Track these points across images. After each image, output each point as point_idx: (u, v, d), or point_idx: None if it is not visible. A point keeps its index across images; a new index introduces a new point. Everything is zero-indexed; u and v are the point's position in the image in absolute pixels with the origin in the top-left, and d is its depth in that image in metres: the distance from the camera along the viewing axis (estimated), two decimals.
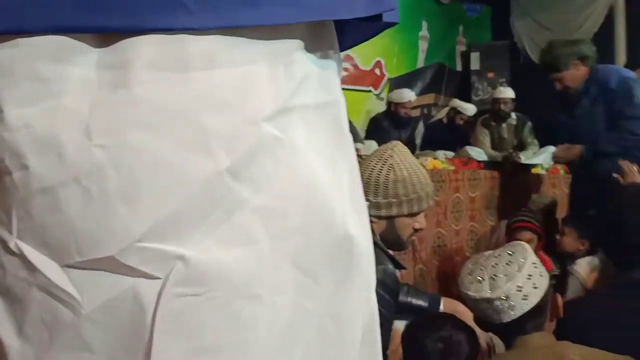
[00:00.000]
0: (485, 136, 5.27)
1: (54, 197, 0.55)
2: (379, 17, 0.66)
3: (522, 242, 1.70)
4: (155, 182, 0.55)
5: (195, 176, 0.56)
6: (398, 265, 1.68)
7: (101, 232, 0.55)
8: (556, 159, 3.50)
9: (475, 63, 6.89)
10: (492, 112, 5.35)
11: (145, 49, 0.55)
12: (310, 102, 0.64)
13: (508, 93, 5.30)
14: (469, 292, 1.56)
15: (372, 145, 4.20)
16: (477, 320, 1.63)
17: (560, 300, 1.59)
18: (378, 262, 1.59)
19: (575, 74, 3.14)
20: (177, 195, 0.56)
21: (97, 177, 0.54)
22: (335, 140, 0.67)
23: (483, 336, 1.76)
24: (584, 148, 3.18)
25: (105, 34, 0.55)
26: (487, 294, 1.52)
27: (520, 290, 1.51)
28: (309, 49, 0.65)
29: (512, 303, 1.51)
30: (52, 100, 0.54)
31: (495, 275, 1.54)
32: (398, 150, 1.70)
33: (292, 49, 0.63)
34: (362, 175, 1.70)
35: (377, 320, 0.75)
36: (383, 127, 5.19)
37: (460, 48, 7.21)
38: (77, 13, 0.53)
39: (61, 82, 0.54)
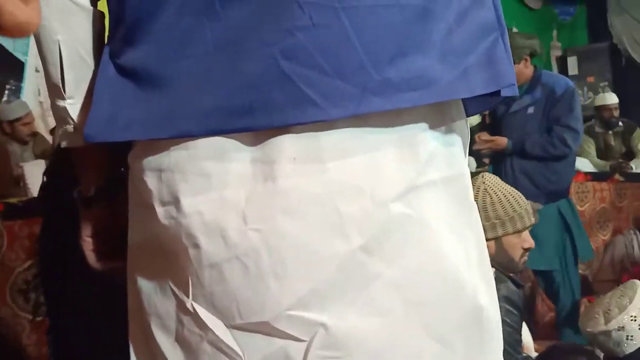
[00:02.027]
0: (590, 145, 5.00)
1: (220, 271, 0.65)
2: (497, 92, 0.70)
3: (634, 280, 1.82)
4: (299, 261, 0.64)
5: (333, 255, 0.64)
6: (517, 285, 1.74)
7: (257, 301, 0.65)
8: (477, 145, 3.17)
9: (573, 68, 6.59)
10: (597, 120, 5.07)
11: (287, 146, 0.64)
12: (437, 178, 0.69)
13: (612, 99, 5.03)
14: (588, 329, 1.68)
15: (471, 162, 4.08)
16: None
17: None
18: (499, 280, 1.65)
19: (522, 70, 3.02)
20: (317, 272, 0.64)
21: (253, 256, 0.64)
22: (462, 211, 0.73)
23: None
24: (510, 143, 3.05)
25: (255, 135, 0.64)
26: (603, 327, 1.65)
27: (634, 320, 1.64)
28: (433, 127, 0.70)
29: (629, 333, 1.62)
30: (216, 192, 0.65)
31: (609, 309, 1.69)
32: (488, 176, 1.82)
33: (417, 132, 0.68)
34: None
35: None
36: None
37: (556, 53, 6.92)
38: (229, 118, 0.63)
39: (222, 176, 0.65)
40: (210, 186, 0.65)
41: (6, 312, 2.36)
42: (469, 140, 0.78)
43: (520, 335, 1.65)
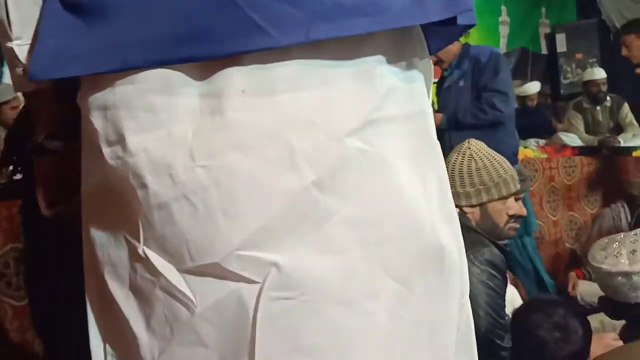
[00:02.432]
0: (578, 121, 5.02)
1: (168, 211, 0.63)
2: (454, 20, 0.69)
3: None
4: (249, 197, 0.62)
5: (284, 191, 0.62)
6: (501, 250, 1.72)
7: (207, 241, 0.63)
8: None
9: (561, 45, 6.59)
10: (585, 95, 5.09)
11: (236, 78, 0.61)
12: (396, 114, 0.67)
13: (600, 74, 5.04)
14: (603, 266, 1.54)
15: None
16: (605, 305, 1.55)
17: None
18: (482, 244, 1.65)
19: (449, 48, 3.02)
20: (269, 209, 0.62)
21: (201, 194, 0.62)
22: (423, 148, 0.71)
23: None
24: (444, 117, 3.08)
25: (203, 67, 0.62)
26: (626, 267, 1.52)
27: None
28: (392, 61, 0.68)
29: None
30: (163, 128, 0.62)
31: (635, 251, 1.54)
32: (473, 142, 1.81)
33: (375, 65, 0.66)
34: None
35: (472, 326, 0.79)
36: None
37: (544, 30, 6.90)
38: (173, 47, 0.60)
39: (169, 111, 0.62)
40: (156, 122, 0.62)
41: None
42: (432, 80, 0.77)
43: (504, 299, 1.65)
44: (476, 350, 0.79)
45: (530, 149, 3.88)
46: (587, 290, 3.43)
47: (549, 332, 1.56)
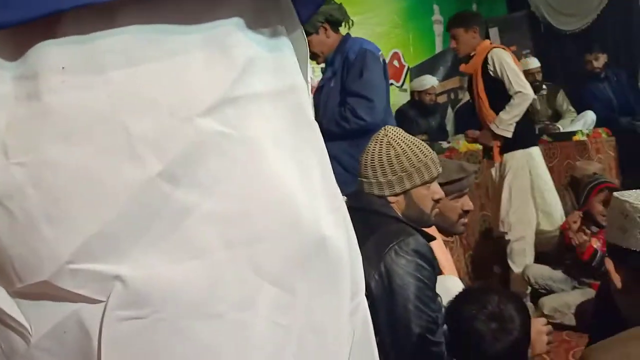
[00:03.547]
0: None
1: None
2: None
3: None
4: (77, 197, 0.51)
5: (123, 186, 0.51)
6: (427, 238, 1.65)
7: (31, 255, 0.52)
8: None
9: (495, 38, 6.66)
10: None
11: (53, 53, 0.51)
12: (262, 90, 0.57)
13: (534, 63, 5.12)
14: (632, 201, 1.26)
15: None
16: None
17: None
18: (407, 233, 1.56)
19: (322, 40, 2.68)
20: (105, 210, 0.51)
21: (18, 197, 0.51)
22: (299, 129, 0.61)
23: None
24: None
25: (16, 46, 0.51)
26: None
27: None
28: (253, 27, 0.58)
29: None
30: None
31: None
32: (390, 129, 1.74)
33: (229, 31, 0.56)
34: (366, 160, 1.71)
35: (371, 329, 0.68)
36: (409, 117, 5.04)
37: None
38: None
39: None
40: None
41: None
42: (307, 53, 0.68)
43: (433, 290, 1.57)
44: (377, 357, 0.68)
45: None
46: (536, 272, 3.43)
47: (485, 324, 1.48)
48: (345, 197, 1.56)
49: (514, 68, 3.36)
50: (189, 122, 0.52)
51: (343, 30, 2.77)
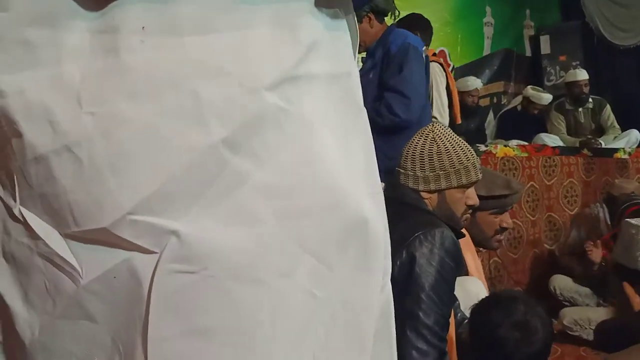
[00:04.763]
0: (560, 122, 5.01)
1: (47, 166, 0.54)
2: None
3: None
4: (144, 153, 0.53)
5: (188, 148, 0.53)
6: (457, 234, 1.64)
7: (94, 203, 0.54)
8: None
9: (545, 47, 6.57)
10: (567, 97, 5.06)
11: (134, 12, 0.53)
12: (320, 72, 0.60)
13: (582, 75, 5.03)
14: None
15: None
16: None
17: None
18: (435, 225, 1.56)
19: (366, 29, 2.55)
20: (167, 168, 0.53)
21: (87, 146, 0.53)
22: (349, 114, 0.64)
23: None
24: None
25: None
26: None
27: None
28: (320, 11, 0.61)
29: None
30: (43, 67, 0.53)
31: None
32: (438, 126, 1.73)
33: (300, 12, 0.59)
34: (407, 151, 1.71)
35: (392, 311, 0.72)
36: (449, 117, 5.00)
37: (529, 32, 6.89)
38: None
39: (51, 47, 0.53)
40: (35, 60, 0.53)
41: None
42: (358, 41, 0.70)
43: (451, 286, 1.55)
44: (395, 343, 0.71)
45: (510, 148, 3.83)
46: (562, 284, 3.40)
47: (509, 331, 1.49)
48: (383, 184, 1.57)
49: (439, 89, 3.24)
50: (256, 94, 0.55)
51: (389, 21, 2.70)
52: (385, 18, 2.69)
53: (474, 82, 5.11)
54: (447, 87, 3.44)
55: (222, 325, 0.55)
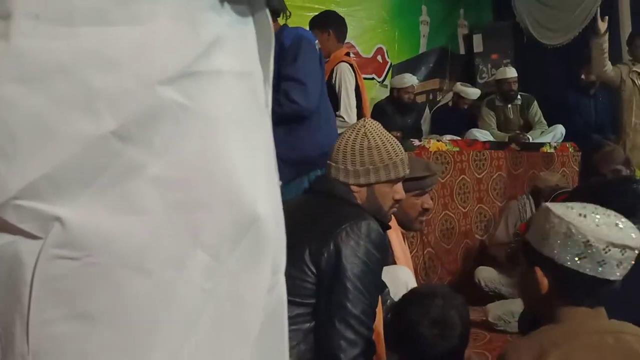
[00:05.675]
0: (491, 118, 5.20)
1: None
2: None
3: None
4: (32, 138, 0.53)
5: (76, 136, 0.54)
6: (384, 227, 1.68)
7: None
8: None
9: (478, 45, 6.79)
10: (497, 93, 5.26)
11: (28, 0, 0.53)
12: (223, 69, 0.61)
13: (511, 72, 5.22)
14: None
15: None
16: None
17: None
18: (361, 217, 1.60)
19: None
20: (55, 155, 0.54)
21: None
22: (251, 113, 0.65)
23: None
24: None
25: None
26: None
27: None
28: (224, 8, 0.62)
29: None
30: None
31: None
32: (370, 121, 1.75)
33: (201, 8, 0.60)
34: (338, 145, 1.73)
35: (285, 307, 0.73)
36: (387, 112, 5.12)
37: (463, 31, 7.11)
38: None
39: None
40: None
41: None
42: (272, 41, 0.72)
43: (378, 277, 1.60)
44: (287, 334, 0.73)
45: (443, 142, 3.97)
46: (487, 276, 3.56)
47: (427, 329, 1.53)
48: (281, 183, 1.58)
49: (348, 90, 3.31)
50: (150, 87, 0.56)
51: (281, 21, 2.70)
52: (277, 18, 2.69)
53: (410, 79, 5.24)
54: (357, 89, 3.48)
55: (105, 311, 0.56)
